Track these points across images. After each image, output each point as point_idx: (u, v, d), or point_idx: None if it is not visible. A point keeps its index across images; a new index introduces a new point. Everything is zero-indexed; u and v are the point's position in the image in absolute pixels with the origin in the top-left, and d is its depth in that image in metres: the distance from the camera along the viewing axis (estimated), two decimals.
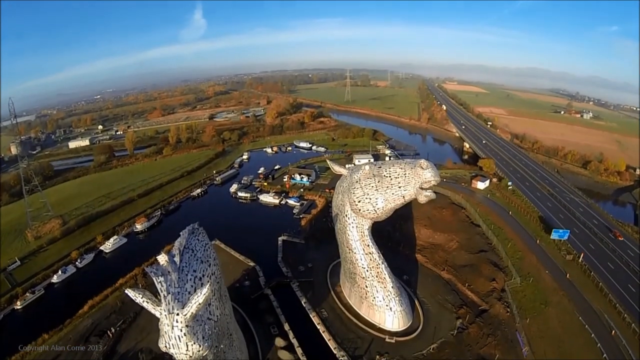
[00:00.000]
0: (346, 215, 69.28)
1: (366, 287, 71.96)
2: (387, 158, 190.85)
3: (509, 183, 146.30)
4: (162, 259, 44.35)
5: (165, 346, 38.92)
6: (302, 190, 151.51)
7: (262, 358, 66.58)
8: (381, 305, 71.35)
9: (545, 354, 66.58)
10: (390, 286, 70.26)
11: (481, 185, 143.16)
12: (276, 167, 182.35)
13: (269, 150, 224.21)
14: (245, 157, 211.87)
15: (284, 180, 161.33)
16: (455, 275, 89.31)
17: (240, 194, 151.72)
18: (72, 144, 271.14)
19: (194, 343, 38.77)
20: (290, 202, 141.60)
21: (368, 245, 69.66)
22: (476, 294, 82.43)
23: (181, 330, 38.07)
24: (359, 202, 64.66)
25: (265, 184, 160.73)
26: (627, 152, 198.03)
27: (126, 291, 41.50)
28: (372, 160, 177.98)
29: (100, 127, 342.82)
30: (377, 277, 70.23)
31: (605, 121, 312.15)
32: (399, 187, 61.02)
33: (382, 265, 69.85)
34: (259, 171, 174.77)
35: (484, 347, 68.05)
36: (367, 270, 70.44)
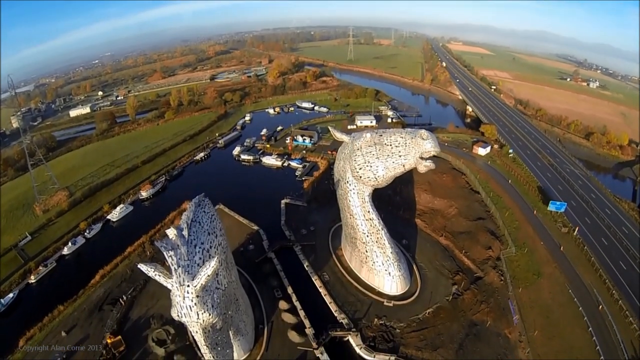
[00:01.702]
0: (347, 182, 70.29)
1: (366, 251, 74.06)
2: (389, 120, 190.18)
3: (510, 150, 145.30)
4: (171, 233, 46.12)
5: (178, 315, 41.65)
6: (304, 152, 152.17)
7: (266, 321, 69.55)
8: (380, 269, 73.63)
9: (535, 323, 69.14)
10: (390, 251, 72.22)
11: (482, 151, 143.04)
12: (278, 129, 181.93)
13: (271, 111, 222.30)
14: (247, 118, 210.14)
15: (287, 142, 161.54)
16: (453, 242, 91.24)
17: (243, 156, 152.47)
18: (73, 113, 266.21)
19: (204, 312, 41.40)
20: (293, 164, 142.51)
21: (369, 212, 71.05)
22: (472, 261, 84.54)
23: (192, 301, 40.52)
24: (360, 169, 65.55)
25: (268, 146, 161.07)
26: (631, 126, 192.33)
27: (139, 266, 43.78)
28: (373, 121, 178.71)
29: (100, 93, 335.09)
30: (377, 242, 72.05)
31: (612, 92, 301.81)
32: (400, 156, 61.64)
33: (382, 231, 71.46)
34: (262, 133, 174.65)
35: (476, 314, 70.67)
36: (368, 236, 72.27)
